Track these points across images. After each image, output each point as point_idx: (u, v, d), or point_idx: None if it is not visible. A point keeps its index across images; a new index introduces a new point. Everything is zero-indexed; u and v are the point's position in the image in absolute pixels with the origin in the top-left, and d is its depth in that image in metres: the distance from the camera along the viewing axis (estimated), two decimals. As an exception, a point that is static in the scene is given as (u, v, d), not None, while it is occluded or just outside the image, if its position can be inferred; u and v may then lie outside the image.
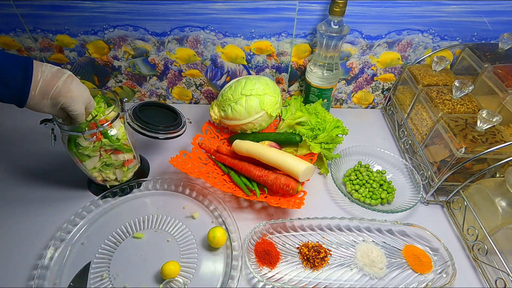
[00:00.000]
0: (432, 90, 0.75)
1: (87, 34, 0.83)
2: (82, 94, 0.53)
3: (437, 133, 0.70)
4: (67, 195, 0.72)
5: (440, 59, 0.78)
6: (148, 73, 0.92)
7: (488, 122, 0.62)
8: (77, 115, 0.54)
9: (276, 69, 0.90)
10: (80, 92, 0.53)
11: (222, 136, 0.84)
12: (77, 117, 0.55)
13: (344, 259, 0.62)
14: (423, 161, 0.75)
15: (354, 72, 0.90)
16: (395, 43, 0.83)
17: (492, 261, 0.60)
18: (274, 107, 0.75)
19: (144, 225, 0.67)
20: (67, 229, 0.64)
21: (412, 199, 0.71)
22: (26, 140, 0.85)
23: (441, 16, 0.78)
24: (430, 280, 0.59)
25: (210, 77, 0.92)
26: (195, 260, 0.62)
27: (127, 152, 0.68)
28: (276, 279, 0.58)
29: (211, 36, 0.83)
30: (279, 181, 0.67)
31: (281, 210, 0.70)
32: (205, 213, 0.70)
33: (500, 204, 0.59)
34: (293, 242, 0.64)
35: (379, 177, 0.75)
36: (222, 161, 0.76)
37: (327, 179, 0.78)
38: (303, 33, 0.81)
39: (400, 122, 0.88)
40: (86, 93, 0.55)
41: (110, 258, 0.62)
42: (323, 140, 0.76)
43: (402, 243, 0.64)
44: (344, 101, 0.98)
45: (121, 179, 0.72)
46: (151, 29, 0.82)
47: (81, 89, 0.53)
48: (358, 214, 0.71)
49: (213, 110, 0.79)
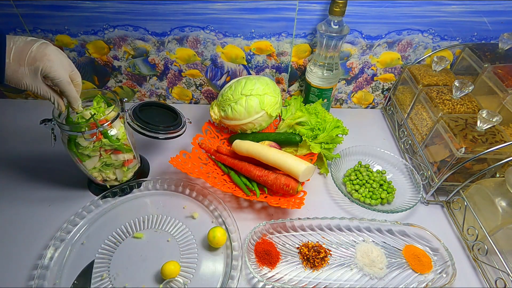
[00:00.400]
0: (432, 90, 0.75)
1: (87, 34, 0.83)
2: (60, 58, 0.51)
3: (437, 133, 0.70)
4: (67, 195, 0.72)
5: (440, 59, 0.78)
6: (148, 73, 0.92)
7: (488, 122, 0.62)
8: (61, 82, 0.52)
9: (276, 69, 0.90)
10: (57, 56, 0.51)
11: (222, 136, 0.84)
12: (63, 86, 0.52)
13: (344, 259, 0.62)
14: (423, 161, 0.75)
15: (354, 72, 0.90)
16: (395, 43, 0.83)
17: (492, 261, 0.60)
18: (274, 107, 0.75)
19: (144, 225, 0.67)
20: (67, 229, 0.64)
21: (412, 199, 0.71)
22: (26, 140, 0.85)
23: (441, 16, 0.78)
24: (430, 280, 0.59)
25: (210, 77, 0.92)
26: (195, 260, 0.62)
27: (127, 152, 0.68)
28: (276, 279, 0.58)
29: (211, 36, 0.83)
30: (279, 181, 0.67)
31: (281, 210, 0.70)
32: (205, 213, 0.70)
33: (500, 204, 0.59)
34: (293, 242, 0.64)
35: (379, 177, 0.75)
36: (222, 161, 0.76)
37: (327, 179, 0.78)
38: (303, 33, 0.81)
39: (400, 122, 0.88)
40: (65, 59, 0.53)
41: (110, 258, 0.62)
42: (323, 140, 0.76)
43: (402, 243, 0.64)
44: (344, 101, 0.98)
45: (121, 179, 0.72)
46: (151, 29, 0.82)
47: (58, 54, 0.51)
48: (358, 214, 0.71)
49: (213, 110, 0.79)
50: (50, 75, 0.50)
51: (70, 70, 0.53)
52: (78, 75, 0.55)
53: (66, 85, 0.52)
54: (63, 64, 0.52)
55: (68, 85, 0.53)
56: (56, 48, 0.52)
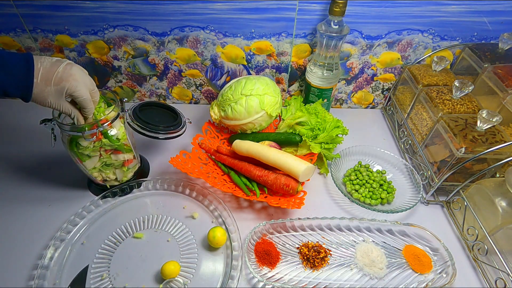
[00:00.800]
0: (432, 90, 0.75)
1: (87, 34, 0.83)
2: (84, 77, 0.54)
3: (437, 133, 0.70)
4: (67, 195, 0.72)
5: (440, 59, 0.78)
6: (148, 73, 0.92)
7: (488, 122, 0.62)
8: (84, 100, 0.55)
9: (276, 69, 0.90)
10: (82, 76, 0.54)
11: (222, 136, 0.84)
12: (86, 103, 0.55)
13: (344, 259, 0.62)
14: (423, 161, 0.75)
15: (354, 72, 0.90)
16: (395, 43, 0.83)
17: (492, 261, 0.60)
18: (274, 107, 0.75)
19: (144, 225, 0.67)
20: (67, 229, 0.64)
21: (412, 199, 0.71)
22: (26, 140, 0.85)
23: (441, 16, 0.78)
24: (430, 280, 0.59)
25: (210, 77, 0.92)
26: (195, 260, 0.62)
27: (127, 152, 0.68)
28: (276, 279, 0.58)
29: (211, 36, 0.83)
30: (279, 181, 0.67)
31: (281, 210, 0.70)
32: (205, 213, 0.70)
33: (500, 204, 0.59)
34: (293, 242, 0.64)
35: (379, 177, 0.75)
36: (222, 161, 0.76)
37: (327, 179, 0.78)
38: (303, 33, 0.81)
39: (400, 122, 0.88)
40: (88, 78, 0.56)
41: (110, 258, 0.62)
42: (323, 140, 0.76)
43: (402, 243, 0.64)
44: (344, 101, 0.98)
45: (121, 179, 0.72)
46: (151, 29, 0.82)
47: (82, 73, 0.54)
48: (358, 214, 0.71)
49: (213, 110, 0.79)
50: (75, 93, 0.53)
51: (91, 89, 0.56)
52: (97, 94, 0.58)
53: (88, 103, 0.56)
54: (86, 83, 0.55)
55: (90, 102, 0.56)
56: (80, 67, 0.55)
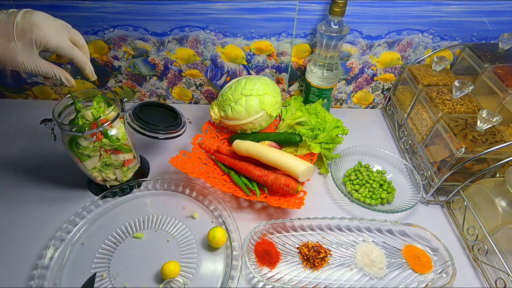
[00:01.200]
0: (432, 90, 0.75)
1: (87, 34, 0.83)
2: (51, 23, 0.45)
3: (437, 133, 0.70)
4: (67, 195, 0.72)
5: (440, 59, 0.78)
6: (148, 73, 0.92)
7: (488, 122, 0.62)
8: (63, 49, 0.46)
9: (276, 69, 0.90)
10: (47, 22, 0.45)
11: (222, 136, 0.84)
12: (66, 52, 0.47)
13: (344, 259, 0.62)
14: (423, 161, 0.75)
15: (354, 72, 0.90)
16: (395, 43, 0.83)
17: (492, 261, 0.60)
18: (274, 107, 0.75)
19: (144, 225, 0.67)
20: (67, 229, 0.64)
21: (412, 199, 0.71)
22: (26, 140, 0.85)
23: (441, 16, 0.78)
24: (430, 280, 0.59)
25: (210, 77, 0.92)
26: (195, 260, 0.62)
27: (127, 152, 0.67)
28: (276, 279, 0.58)
29: (211, 36, 0.83)
30: (279, 181, 0.67)
31: (281, 210, 0.70)
32: (205, 213, 0.70)
33: (500, 204, 0.59)
34: (293, 242, 0.64)
35: (379, 177, 0.75)
36: (222, 161, 0.76)
37: (327, 179, 0.78)
38: (303, 33, 0.81)
39: (400, 122, 0.88)
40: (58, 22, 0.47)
41: (110, 258, 0.62)
42: (323, 140, 0.76)
43: (402, 243, 0.64)
44: (344, 101, 0.98)
45: (121, 179, 0.72)
46: (151, 29, 0.82)
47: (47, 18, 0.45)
48: (358, 214, 0.71)
49: (213, 110, 0.79)
50: (48, 45, 0.45)
51: (67, 32, 0.47)
52: (79, 35, 0.49)
53: (69, 50, 0.47)
54: (57, 29, 0.46)
55: (72, 49, 0.47)
56: (42, 13, 0.45)
